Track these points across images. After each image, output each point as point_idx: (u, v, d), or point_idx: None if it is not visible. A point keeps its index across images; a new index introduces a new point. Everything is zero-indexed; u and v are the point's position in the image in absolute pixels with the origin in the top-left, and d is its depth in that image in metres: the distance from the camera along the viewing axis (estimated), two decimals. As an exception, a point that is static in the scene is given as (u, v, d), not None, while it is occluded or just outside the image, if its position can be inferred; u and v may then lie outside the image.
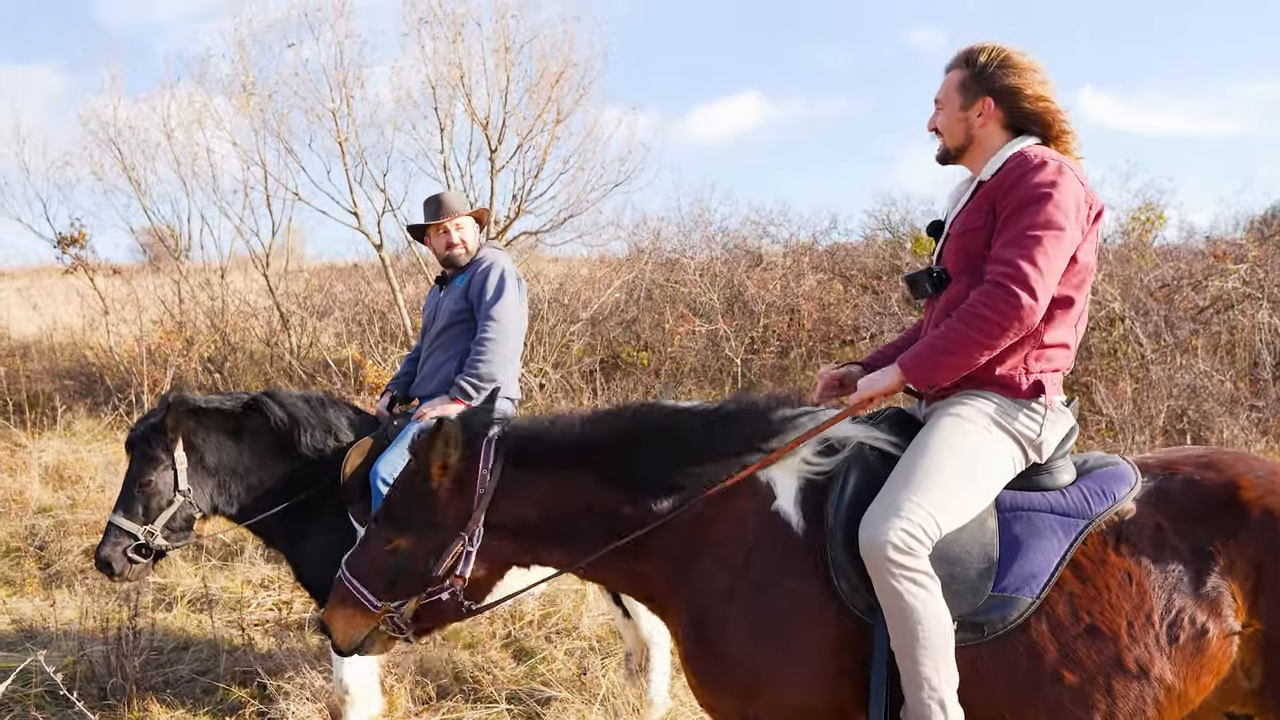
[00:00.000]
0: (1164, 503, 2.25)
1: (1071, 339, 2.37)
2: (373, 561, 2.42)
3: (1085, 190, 2.28)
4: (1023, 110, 2.38)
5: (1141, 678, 2.11)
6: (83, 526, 6.55)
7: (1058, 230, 2.19)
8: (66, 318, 12.71)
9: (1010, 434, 2.29)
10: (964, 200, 2.44)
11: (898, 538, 2.11)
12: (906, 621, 2.11)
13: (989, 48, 2.41)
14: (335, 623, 2.44)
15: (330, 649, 3.85)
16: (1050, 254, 2.18)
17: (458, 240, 4.09)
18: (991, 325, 2.20)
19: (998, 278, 2.20)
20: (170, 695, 4.32)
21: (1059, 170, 2.24)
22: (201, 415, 3.78)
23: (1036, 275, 2.17)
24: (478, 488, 2.37)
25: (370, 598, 2.40)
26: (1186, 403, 8.49)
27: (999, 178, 2.33)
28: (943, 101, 2.47)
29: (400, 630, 2.42)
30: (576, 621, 5.05)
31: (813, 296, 11.16)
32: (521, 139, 10.47)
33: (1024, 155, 2.31)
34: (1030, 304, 2.17)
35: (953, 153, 2.47)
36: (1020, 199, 2.24)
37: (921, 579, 2.12)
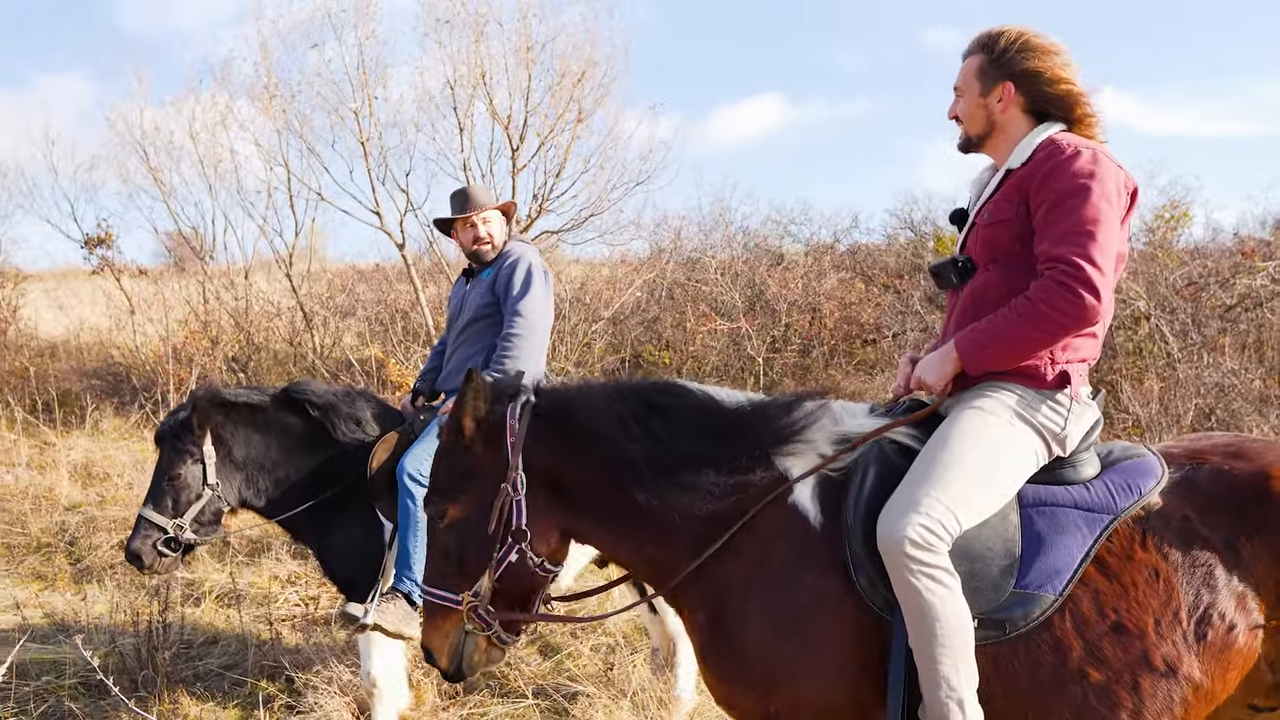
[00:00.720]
0: (1191, 494, 2.20)
1: (1099, 329, 2.30)
2: (438, 550, 2.39)
3: (1123, 174, 2.23)
4: (1044, 94, 2.32)
5: (1169, 675, 2.06)
6: (111, 523, 6.63)
7: (1106, 222, 2.15)
8: (93, 318, 12.87)
9: (1033, 427, 2.25)
10: (990, 189, 2.38)
11: (916, 533, 2.07)
12: (925, 619, 2.07)
13: (1008, 31, 2.35)
14: (433, 640, 2.38)
15: (359, 643, 3.89)
16: (1105, 248, 2.14)
17: (484, 234, 4.10)
18: (1053, 324, 2.16)
19: (1061, 277, 2.15)
20: (200, 688, 4.36)
21: (1094, 158, 2.19)
22: (229, 409, 3.81)
23: (1098, 274, 2.12)
24: (508, 436, 2.35)
25: (449, 595, 2.35)
26: (1214, 401, 8.39)
27: (1031, 167, 2.27)
28: (961, 88, 2.42)
29: (488, 623, 2.34)
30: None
31: (834, 295, 11.12)
32: (543, 138, 10.51)
33: (1055, 143, 2.25)
34: (1094, 304, 2.12)
35: (974, 140, 2.42)
36: (1061, 191, 2.18)
37: (940, 575, 2.08)
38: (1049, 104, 2.33)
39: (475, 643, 2.37)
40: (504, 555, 2.32)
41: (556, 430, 2.35)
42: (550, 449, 2.34)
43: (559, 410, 2.38)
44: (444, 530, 2.38)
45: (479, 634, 2.36)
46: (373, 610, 3.58)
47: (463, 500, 2.35)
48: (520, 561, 2.33)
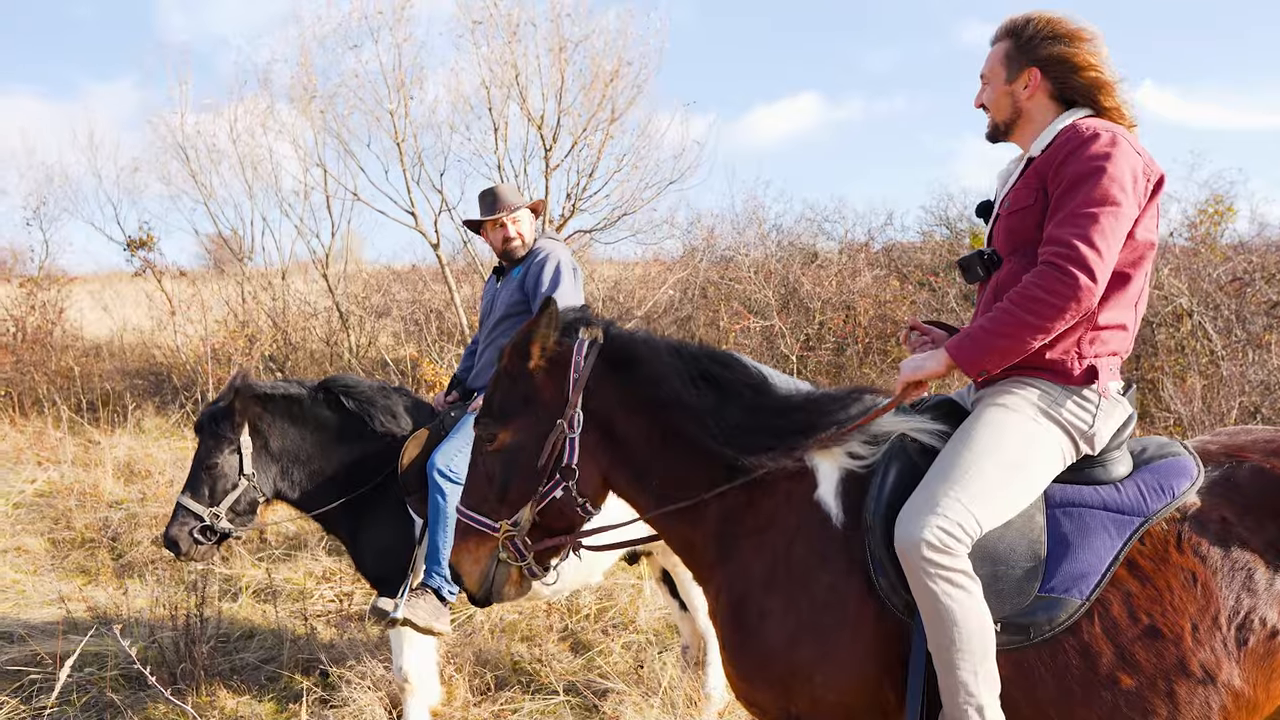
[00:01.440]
0: (1230, 494, 2.13)
1: (1130, 320, 2.24)
2: (482, 474, 2.37)
3: (1143, 160, 2.15)
4: (1071, 81, 2.26)
5: (1208, 683, 1.99)
6: (152, 519, 6.74)
7: (1114, 206, 2.07)
8: (136, 319, 13.11)
9: (1060, 424, 2.18)
10: (1014, 178, 2.33)
11: (933, 536, 2.02)
12: (943, 623, 2.02)
13: (1035, 17, 2.29)
14: (462, 563, 2.37)
15: (391, 638, 3.92)
16: (1107, 231, 2.06)
17: (514, 234, 4.12)
18: (1046, 308, 2.07)
19: (1052, 258, 2.09)
20: (236, 681, 4.42)
21: (1113, 141, 2.12)
22: (267, 401, 3.86)
23: (1094, 255, 2.04)
24: (571, 372, 2.32)
25: (487, 521, 2.33)
26: (1260, 399, 8.21)
27: (1050, 153, 2.21)
28: (988, 76, 2.37)
29: (522, 554, 2.33)
30: (633, 615, 5.06)
31: (869, 293, 11.02)
32: (576, 138, 10.52)
33: (1075, 128, 2.19)
34: (1088, 285, 2.05)
35: (1001, 128, 2.37)
36: (1074, 174, 2.11)
37: (959, 579, 2.03)
38: (1076, 91, 2.27)
39: (507, 572, 2.36)
40: (549, 490, 2.31)
41: (619, 376, 2.33)
42: (610, 393, 2.33)
43: (625, 357, 2.35)
44: (491, 453, 2.35)
45: (512, 564, 2.35)
46: (403, 605, 3.61)
47: (516, 426, 2.33)
48: (565, 499, 2.32)
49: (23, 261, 12.97)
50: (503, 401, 2.36)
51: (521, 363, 2.35)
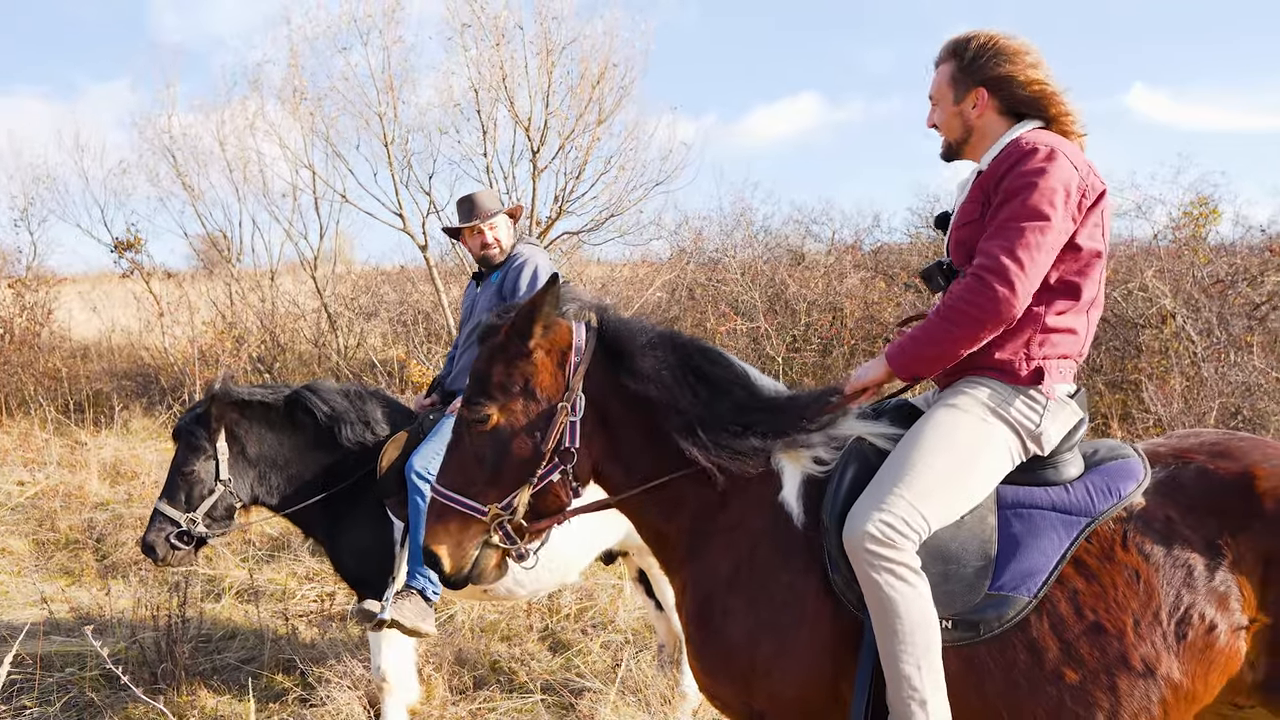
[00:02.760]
0: (1175, 493, 2.19)
1: (1081, 325, 2.30)
2: (469, 455, 2.29)
3: (1079, 175, 2.20)
4: (1017, 96, 2.32)
5: (1148, 676, 2.06)
6: (138, 520, 6.76)
7: (1042, 220, 2.14)
8: (124, 321, 13.11)
9: (1007, 422, 2.24)
10: (966, 190, 2.39)
11: (876, 529, 2.09)
12: (885, 614, 2.08)
13: (974, 36, 2.36)
14: (441, 546, 2.27)
15: (370, 638, 3.96)
16: (1032, 245, 2.13)
17: (491, 240, 4.16)
18: (968, 319, 2.17)
19: (977, 270, 2.17)
20: (217, 681, 4.45)
21: (1049, 156, 2.18)
22: (244, 407, 3.89)
23: (1015, 268, 2.12)
24: (572, 355, 2.31)
25: (474, 504, 2.26)
26: (1240, 400, 8.27)
27: (993, 166, 2.27)
28: (936, 97, 2.43)
29: (512, 538, 2.27)
30: (613, 615, 5.10)
31: (855, 295, 11.07)
32: (563, 140, 10.58)
33: (1016, 143, 2.25)
34: (1006, 297, 2.12)
35: (954, 147, 2.43)
36: (1008, 188, 2.19)
37: (902, 571, 2.09)
38: (1023, 105, 2.34)
39: (491, 556, 2.30)
40: (549, 472, 2.28)
41: (615, 365, 2.33)
42: (606, 381, 2.33)
43: (621, 347, 2.34)
44: (482, 434, 2.28)
45: (498, 548, 2.29)
46: (390, 607, 3.65)
47: (511, 408, 2.28)
48: (561, 482, 2.30)
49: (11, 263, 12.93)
50: (499, 380, 2.30)
51: (521, 342, 2.30)
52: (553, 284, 2.31)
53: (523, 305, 2.32)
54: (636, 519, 2.46)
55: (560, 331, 2.34)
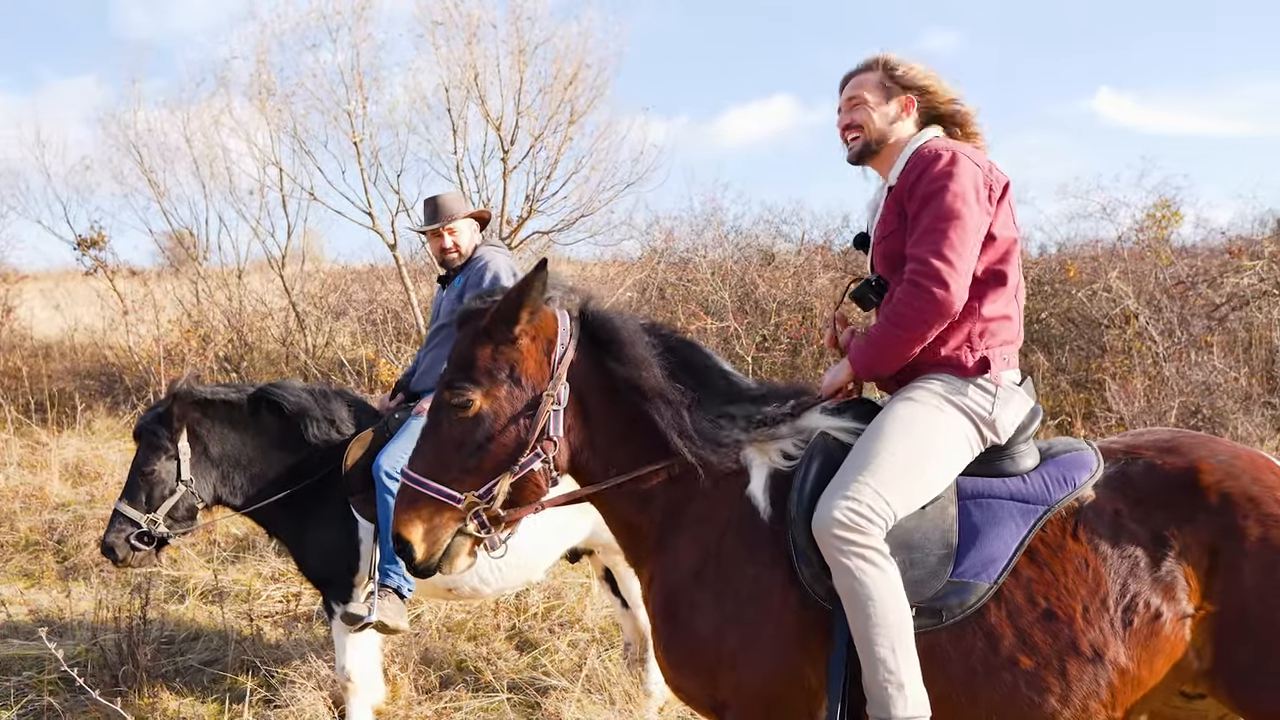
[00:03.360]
0: (1124, 487, 2.26)
1: (1013, 310, 2.41)
2: (447, 441, 2.26)
3: (983, 171, 2.34)
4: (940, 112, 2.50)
5: (1096, 661, 2.13)
6: (100, 521, 6.67)
7: (960, 219, 2.26)
8: (88, 319, 12.92)
9: (962, 410, 2.32)
10: (880, 207, 2.51)
11: (843, 515, 2.15)
12: (858, 599, 2.13)
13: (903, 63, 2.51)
14: (412, 533, 2.21)
15: (334, 638, 3.94)
16: (957, 243, 2.25)
17: (450, 244, 4.17)
18: (912, 322, 2.28)
19: (913, 276, 2.28)
20: (179, 683, 4.41)
21: (953, 160, 2.31)
22: (206, 406, 3.86)
23: (947, 268, 2.24)
24: (558, 343, 2.32)
25: (450, 491, 2.22)
26: (1200, 399, 8.42)
27: (902, 178, 2.40)
28: (858, 99, 2.51)
29: (487, 527, 2.25)
30: (580, 614, 5.11)
31: (825, 295, 11.15)
32: (534, 140, 10.56)
33: (919, 152, 2.39)
34: (945, 296, 2.24)
35: (870, 146, 2.50)
36: (922, 194, 2.31)
37: (873, 556, 2.15)
38: (943, 120, 2.51)
39: (464, 545, 2.27)
40: (530, 461, 2.27)
41: (601, 355, 2.34)
42: (592, 368, 2.34)
43: (607, 336, 2.35)
44: (463, 420, 2.25)
45: (471, 536, 2.26)
46: (375, 608, 3.64)
47: (495, 394, 2.26)
48: (542, 471, 2.29)
49: (-29, 259, 12.72)
50: (484, 366, 2.27)
51: (508, 327, 2.29)
52: (540, 270, 2.29)
53: (509, 290, 2.30)
54: (608, 511, 2.47)
55: (546, 319, 2.34)
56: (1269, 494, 2.16)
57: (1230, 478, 2.19)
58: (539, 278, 2.27)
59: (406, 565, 2.28)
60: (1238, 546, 2.13)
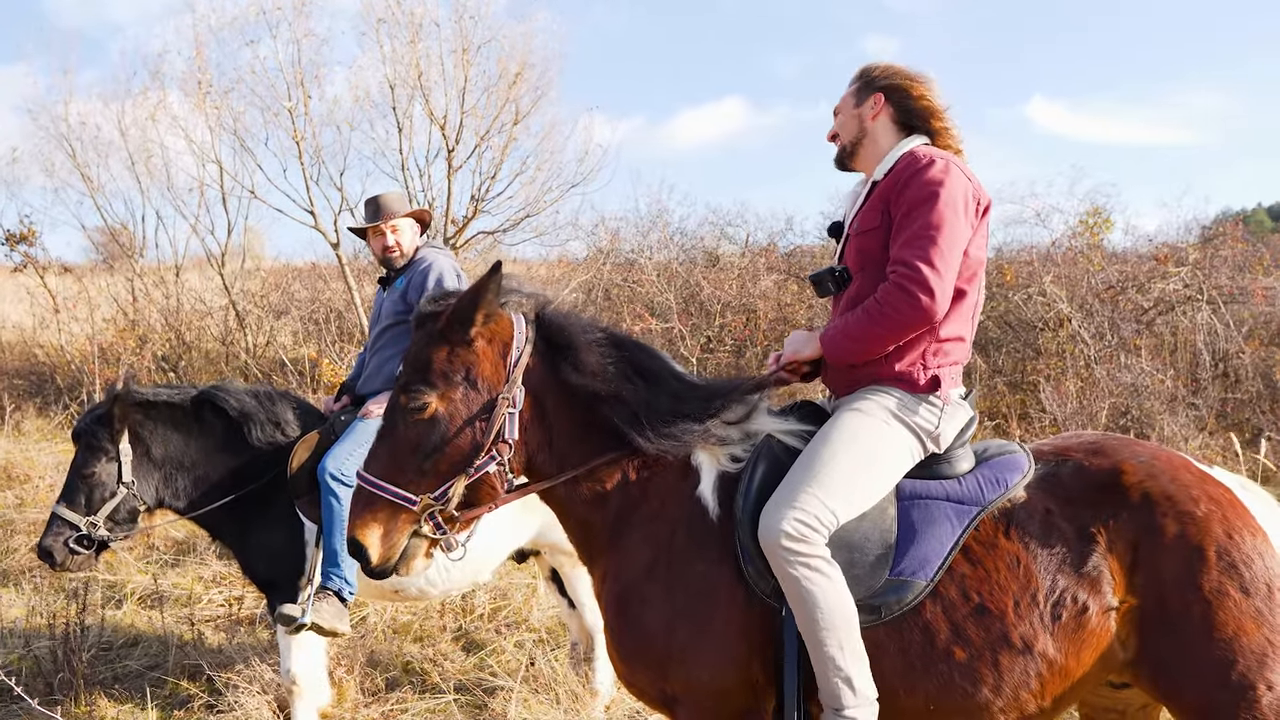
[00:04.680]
0: (1054, 488, 2.36)
1: (967, 332, 2.48)
2: (403, 443, 2.27)
3: (972, 185, 2.39)
4: (909, 106, 2.53)
5: (1026, 653, 2.22)
6: (30, 525, 6.51)
7: (948, 228, 2.31)
8: (16, 316, 12.54)
9: (908, 426, 2.39)
10: (860, 200, 2.55)
11: (791, 527, 2.21)
12: (806, 606, 2.20)
13: (881, 64, 2.59)
14: (368, 536, 2.22)
15: (279, 641, 3.91)
16: (945, 251, 2.30)
17: (393, 243, 4.15)
18: (894, 323, 2.32)
19: (900, 279, 2.31)
20: (119, 690, 4.33)
21: (946, 169, 2.35)
22: (148, 408, 3.80)
23: (934, 275, 2.28)
24: (513, 345, 2.34)
25: (405, 493, 2.24)
26: (1129, 401, 8.70)
27: (891, 177, 2.43)
28: (839, 108, 2.62)
29: (442, 528, 2.27)
30: (526, 615, 5.13)
31: (769, 296, 11.29)
32: (479, 139, 10.53)
33: (913, 155, 2.43)
34: (929, 304, 2.29)
35: (848, 149, 2.59)
36: (912, 198, 2.35)
37: (818, 564, 2.21)
38: (913, 115, 2.54)
39: (420, 546, 2.28)
40: (485, 463, 2.29)
41: (559, 355, 2.36)
42: (548, 371, 2.36)
43: (563, 341, 2.38)
44: (419, 422, 2.26)
45: (427, 538, 2.28)
46: (309, 610, 3.61)
47: (451, 396, 2.28)
48: (497, 473, 2.31)
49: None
50: (439, 369, 2.29)
51: (463, 330, 2.30)
52: (495, 272, 2.30)
53: (464, 293, 2.31)
54: (562, 510, 2.49)
55: (501, 322, 2.36)
56: (1185, 492, 2.27)
57: (1150, 477, 2.30)
58: (494, 280, 2.28)
59: (363, 568, 2.28)
60: (1157, 542, 2.23)
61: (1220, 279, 10.35)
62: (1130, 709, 2.53)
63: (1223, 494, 2.29)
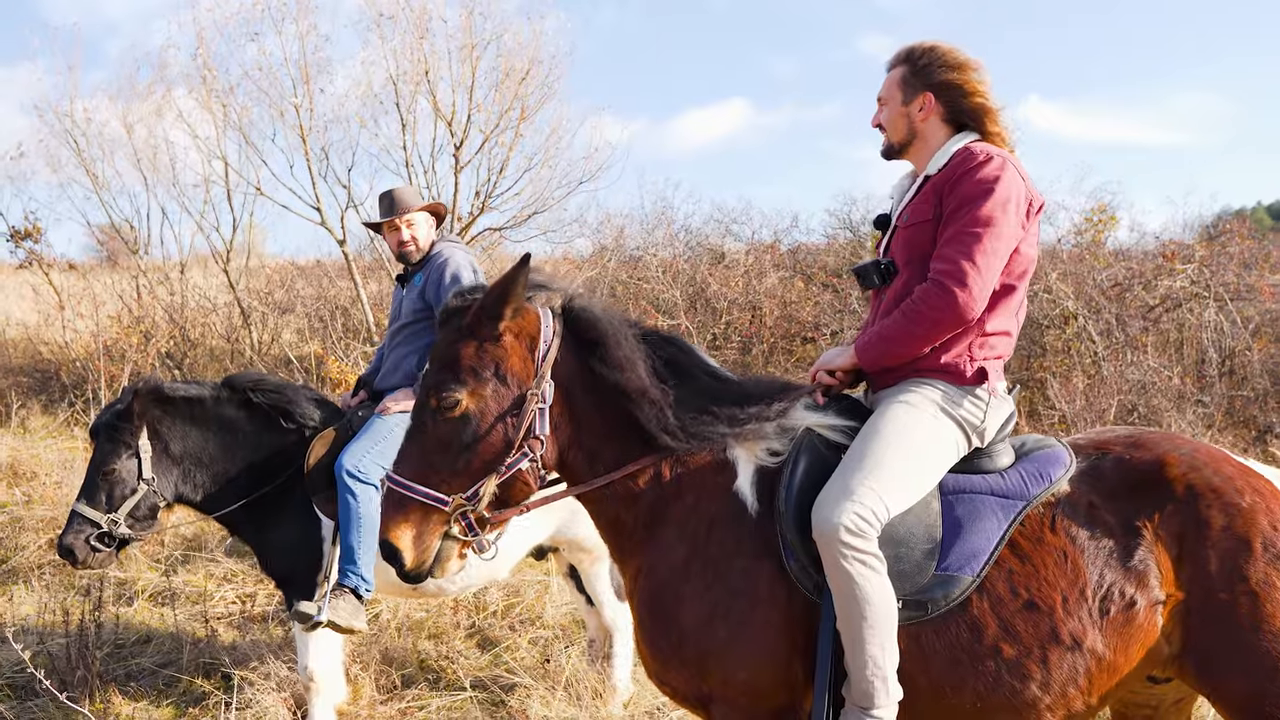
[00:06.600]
0: (1097, 482, 2.34)
1: (1013, 327, 2.46)
2: (433, 442, 2.24)
3: (1026, 185, 2.36)
4: (961, 105, 2.47)
5: (1075, 649, 2.20)
6: (39, 523, 6.48)
7: (997, 226, 2.29)
8: (20, 314, 12.50)
9: (955, 420, 2.37)
10: (910, 193, 2.51)
11: (850, 521, 2.17)
12: (855, 602, 2.17)
13: (930, 46, 2.50)
14: (401, 539, 2.19)
15: (296, 638, 3.89)
16: (989, 250, 2.28)
17: (408, 237, 4.13)
18: (929, 321, 2.30)
19: (938, 275, 2.30)
20: (133, 687, 4.31)
21: (1001, 166, 2.32)
22: (167, 403, 3.77)
23: (974, 273, 2.26)
24: (541, 340, 2.31)
25: (436, 493, 2.20)
26: (1136, 398, 8.69)
27: (945, 172, 2.39)
28: (885, 98, 2.55)
29: (474, 529, 2.23)
30: (539, 612, 5.11)
31: (774, 294, 11.27)
32: (486, 135, 10.50)
33: (969, 151, 2.39)
34: (966, 301, 2.27)
35: (896, 147, 2.55)
36: (964, 195, 2.32)
37: (871, 560, 2.19)
38: (965, 114, 2.48)
39: (453, 548, 2.25)
40: (517, 461, 2.26)
41: (588, 350, 2.33)
42: (576, 365, 2.33)
43: (592, 336, 2.34)
44: (449, 420, 2.23)
45: (459, 539, 2.24)
46: (325, 607, 3.60)
47: (481, 393, 2.24)
48: (530, 469, 2.28)
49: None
50: (469, 364, 2.24)
51: (491, 324, 2.26)
52: (524, 265, 2.26)
53: (492, 287, 2.27)
54: (593, 506, 2.46)
55: (529, 316, 2.33)
56: (1229, 484, 2.26)
57: (1194, 469, 2.29)
58: (522, 273, 2.25)
59: (397, 572, 2.24)
60: (1203, 534, 2.22)
61: (1227, 276, 10.34)
62: (1164, 704, 2.51)
63: (1265, 485, 2.28)
